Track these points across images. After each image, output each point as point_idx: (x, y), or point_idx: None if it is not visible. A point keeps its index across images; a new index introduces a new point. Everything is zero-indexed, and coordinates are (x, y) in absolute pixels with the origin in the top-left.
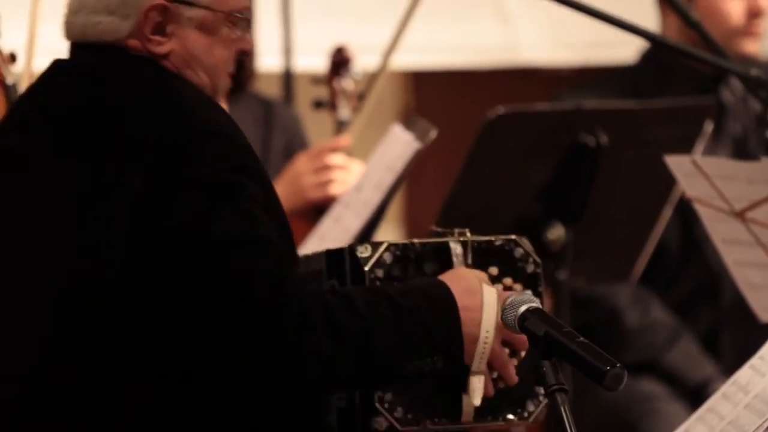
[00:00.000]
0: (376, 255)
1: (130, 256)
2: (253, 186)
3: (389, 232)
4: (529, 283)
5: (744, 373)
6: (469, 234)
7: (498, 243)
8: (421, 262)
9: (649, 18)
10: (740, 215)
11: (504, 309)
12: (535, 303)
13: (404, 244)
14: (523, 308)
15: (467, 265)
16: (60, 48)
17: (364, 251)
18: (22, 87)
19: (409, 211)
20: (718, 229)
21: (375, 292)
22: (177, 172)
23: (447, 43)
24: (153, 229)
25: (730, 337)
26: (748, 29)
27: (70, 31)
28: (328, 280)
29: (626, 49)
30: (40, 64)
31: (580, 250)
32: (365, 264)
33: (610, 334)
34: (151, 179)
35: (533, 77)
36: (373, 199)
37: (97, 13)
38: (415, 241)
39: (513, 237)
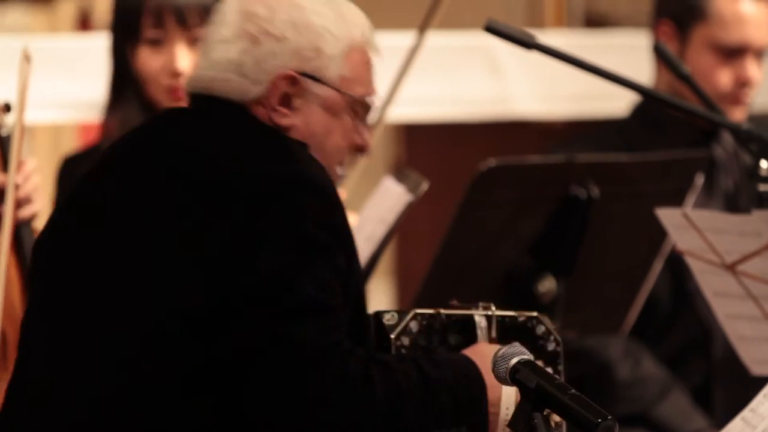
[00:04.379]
0: (403, 323)
1: (212, 295)
2: (336, 247)
3: (381, 285)
4: (550, 360)
5: (735, 426)
6: (493, 308)
7: (521, 319)
8: (445, 333)
9: (641, 71)
10: (731, 268)
11: (495, 361)
12: (527, 355)
13: (431, 314)
14: (514, 360)
15: (491, 339)
16: (51, 100)
17: (390, 319)
18: (15, 138)
19: (401, 263)
20: (710, 282)
21: (405, 359)
22: (265, 221)
23: (438, 96)
24: (234, 275)
25: (721, 390)
26: (736, 98)
27: (195, 83)
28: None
29: (618, 102)
30: (32, 116)
31: (571, 302)
32: (391, 331)
33: (601, 386)
34: (239, 226)
35: (525, 130)
36: (365, 251)
37: (227, 72)
38: (442, 311)
39: (535, 314)
